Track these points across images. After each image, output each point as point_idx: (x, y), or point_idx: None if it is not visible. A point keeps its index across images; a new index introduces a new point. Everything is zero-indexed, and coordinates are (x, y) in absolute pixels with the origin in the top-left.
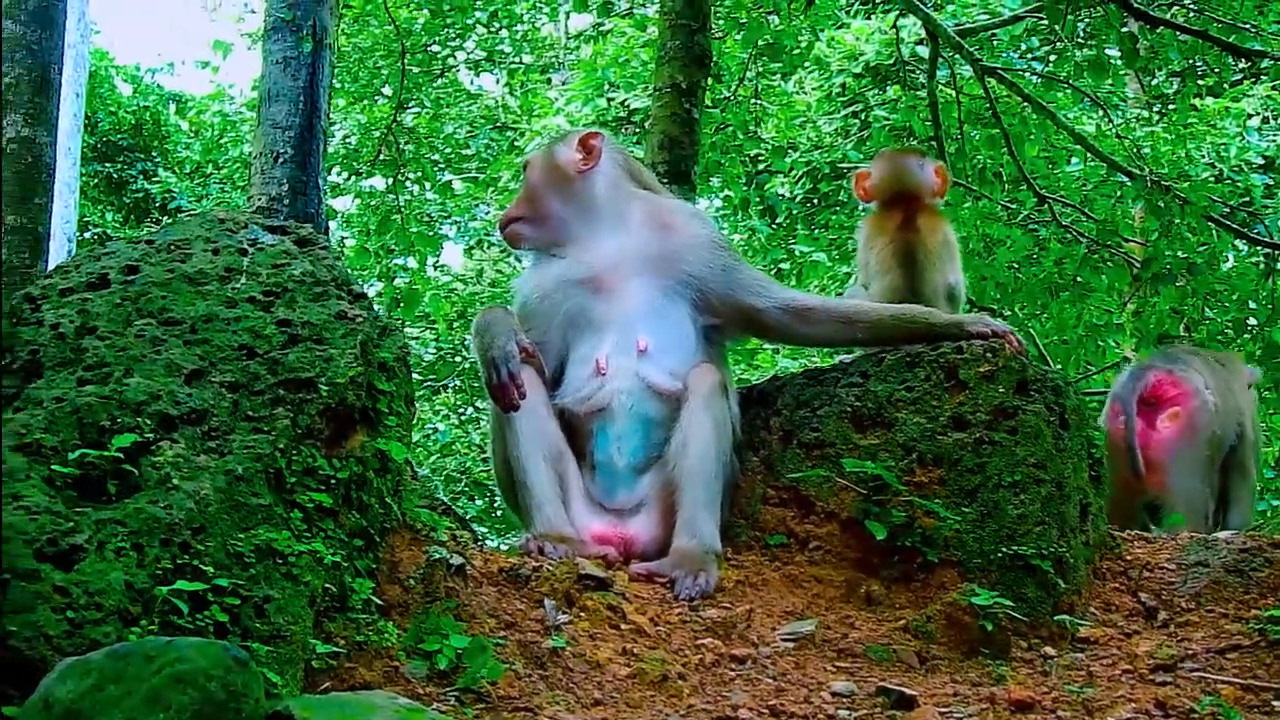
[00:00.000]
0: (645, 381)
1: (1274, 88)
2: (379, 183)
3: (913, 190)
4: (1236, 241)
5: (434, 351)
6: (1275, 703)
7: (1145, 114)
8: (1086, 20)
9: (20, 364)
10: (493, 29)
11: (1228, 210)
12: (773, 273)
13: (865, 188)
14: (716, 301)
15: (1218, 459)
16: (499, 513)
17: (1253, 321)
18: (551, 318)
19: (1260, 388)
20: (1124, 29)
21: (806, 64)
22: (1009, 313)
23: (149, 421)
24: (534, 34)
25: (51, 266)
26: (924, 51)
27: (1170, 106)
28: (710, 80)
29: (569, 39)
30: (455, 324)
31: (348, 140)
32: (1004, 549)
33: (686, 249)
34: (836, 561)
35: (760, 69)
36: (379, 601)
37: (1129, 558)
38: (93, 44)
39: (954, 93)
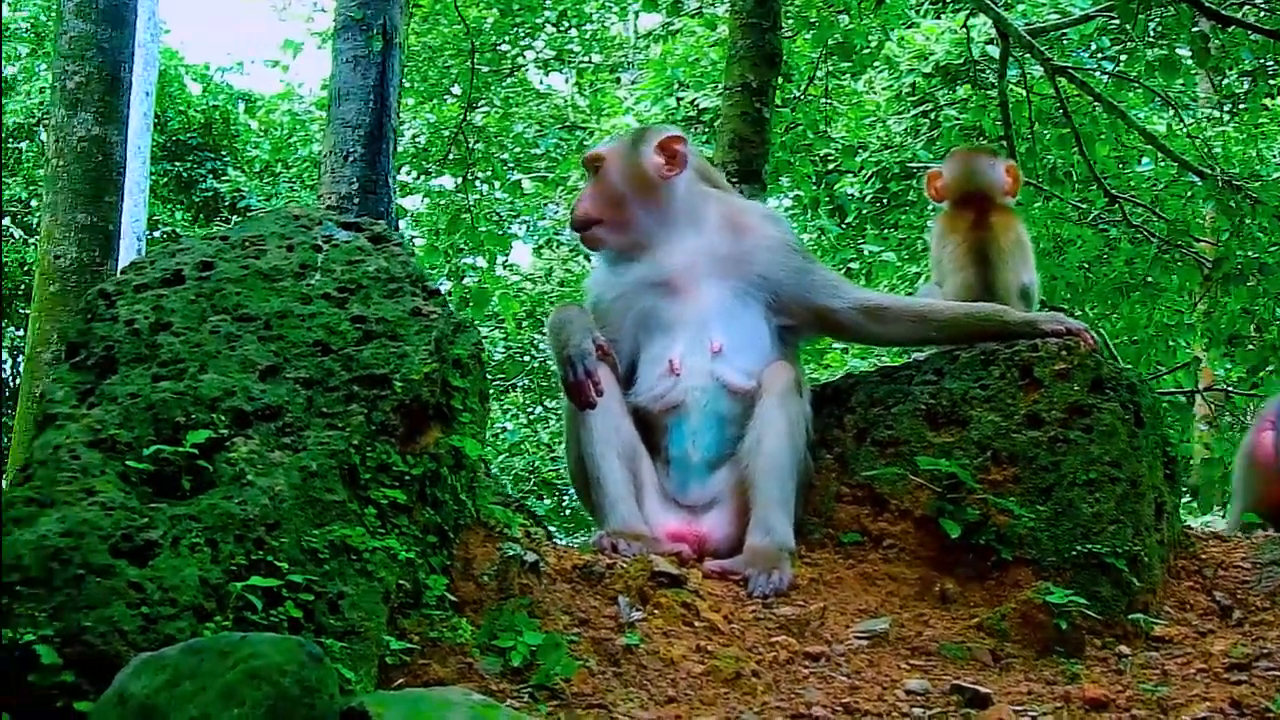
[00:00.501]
0: (720, 380)
1: None
2: (448, 182)
3: (985, 189)
4: None
5: (503, 351)
6: None
7: (1216, 113)
8: (1157, 19)
9: (95, 360)
10: (562, 28)
11: None
12: (842, 272)
13: (937, 187)
14: (790, 303)
15: None
16: (568, 511)
17: None
18: (624, 318)
19: None
20: (1195, 28)
21: (876, 63)
22: (1080, 313)
23: (223, 418)
24: (603, 33)
25: (122, 265)
26: (994, 51)
27: (1241, 106)
28: (780, 79)
29: (638, 38)
30: (524, 323)
31: (417, 139)
32: (1078, 547)
33: (760, 251)
34: (910, 559)
35: (830, 68)
36: (453, 598)
37: (1204, 556)
38: (162, 43)
39: (1025, 92)
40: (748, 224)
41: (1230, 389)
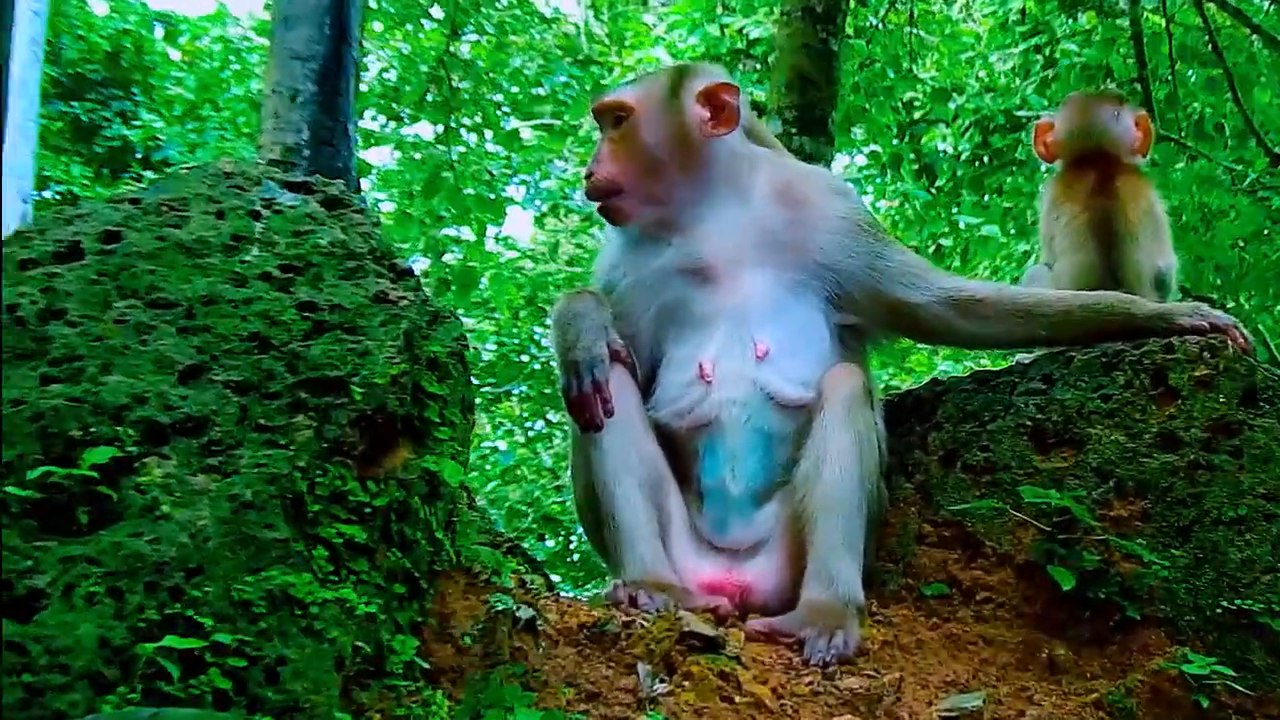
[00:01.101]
0: (765, 391)
1: None
2: (426, 130)
3: (1107, 146)
4: None
5: (494, 348)
6: None
7: None
8: None
9: None
10: None
11: None
12: (931, 250)
13: (1047, 143)
14: (859, 296)
15: None
16: (576, 556)
17: None
18: (644, 310)
19: None
20: None
21: None
22: (1232, 303)
23: (132, 432)
24: None
25: (4, 232)
26: None
27: None
28: (853, 3)
29: None
30: (522, 313)
31: (386, 75)
32: (1224, 603)
33: (821, 231)
34: (1011, 618)
35: None
36: (425, 664)
37: None
38: None
39: (1164, 22)
40: (806, 196)
41: None
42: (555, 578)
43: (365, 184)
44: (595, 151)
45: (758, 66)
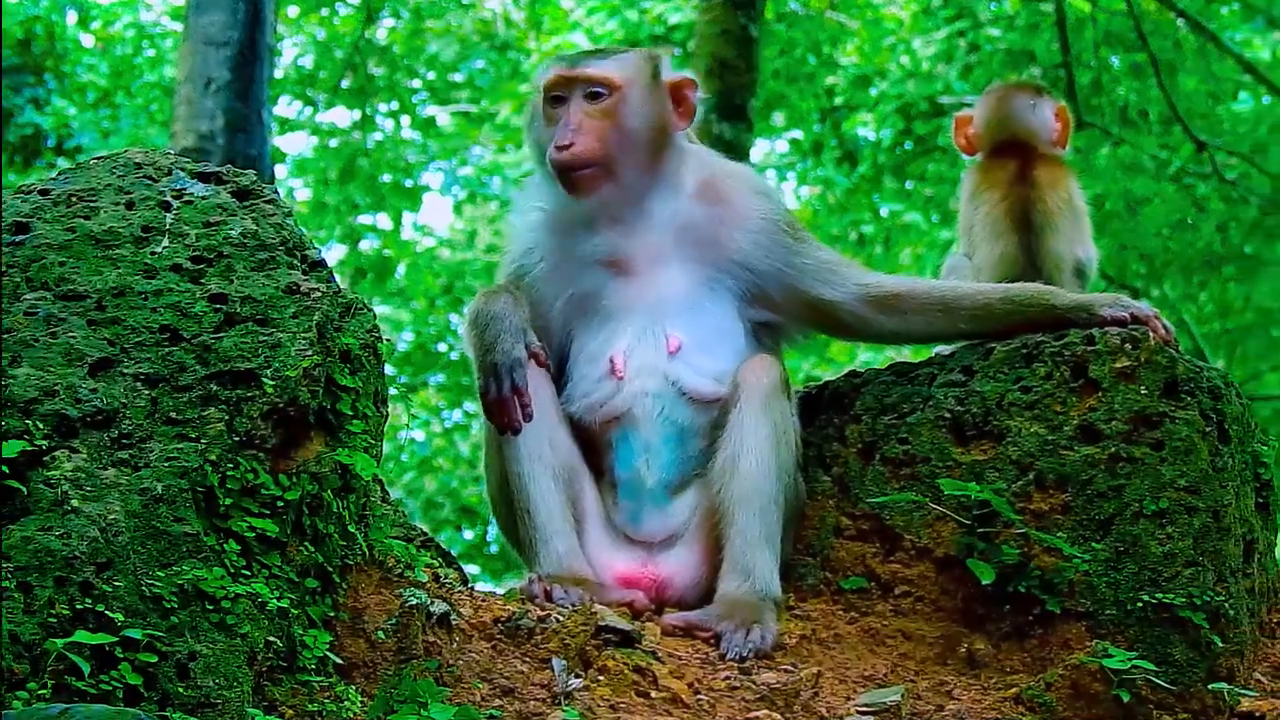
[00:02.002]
0: (677, 385)
1: None
2: (342, 117)
3: (1024, 137)
4: None
5: (411, 338)
6: None
7: None
8: None
9: None
10: None
11: None
12: (853, 238)
13: (967, 135)
14: (777, 295)
15: None
16: (495, 548)
17: None
18: (555, 297)
19: None
20: None
21: None
22: (1156, 293)
23: (41, 425)
24: None
25: None
26: None
27: None
28: None
29: None
30: (440, 301)
31: (301, 61)
32: (1145, 596)
33: (740, 230)
34: (930, 612)
35: None
36: (338, 659)
37: None
38: None
39: (1088, 7)
40: (728, 194)
41: None
42: (473, 569)
43: (280, 171)
44: (566, 120)
45: (677, 52)
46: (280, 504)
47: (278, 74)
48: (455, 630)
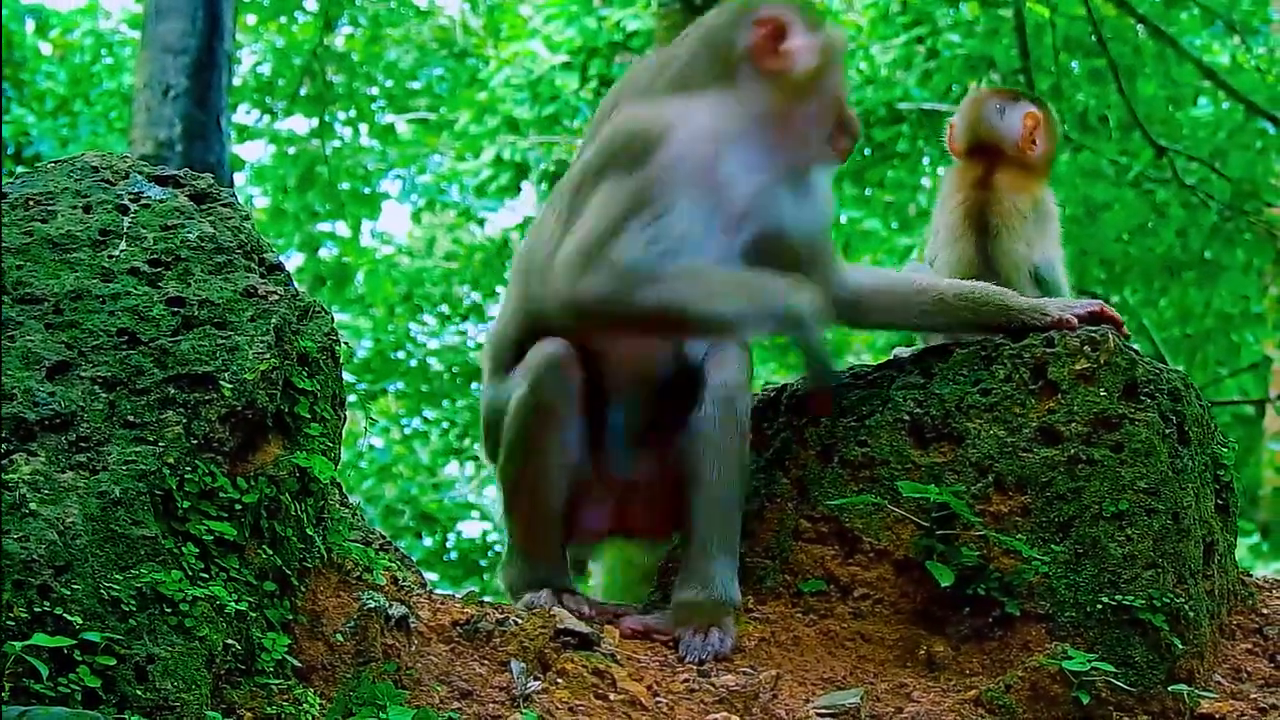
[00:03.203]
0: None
1: None
2: (300, 124)
3: (990, 141)
4: None
5: (370, 344)
6: None
7: None
8: None
9: None
10: None
11: None
12: None
13: (951, 139)
14: None
15: None
16: (455, 554)
17: None
18: None
19: None
20: None
21: None
22: (1117, 298)
23: None
24: None
25: None
26: None
27: None
28: None
29: None
30: (399, 309)
31: (259, 69)
32: (1105, 598)
33: None
34: (889, 614)
35: None
36: (296, 662)
37: (1265, 611)
38: None
39: (1048, 13)
40: None
41: None
42: (432, 576)
43: (239, 178)
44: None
45: (635, 60)
46: (238, 507)
47: (236, 81)
48: (414, 633)
